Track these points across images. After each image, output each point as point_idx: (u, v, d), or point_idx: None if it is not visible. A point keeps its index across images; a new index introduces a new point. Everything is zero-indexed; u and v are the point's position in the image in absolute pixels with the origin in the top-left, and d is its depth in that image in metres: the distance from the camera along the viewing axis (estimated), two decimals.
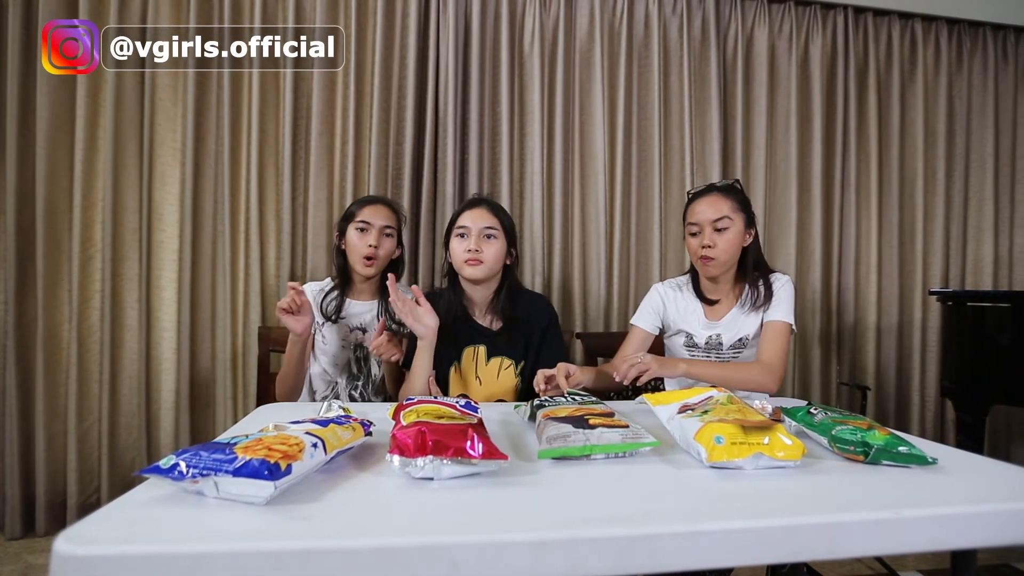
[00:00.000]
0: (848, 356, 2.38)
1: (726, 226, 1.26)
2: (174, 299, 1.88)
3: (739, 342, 1.31)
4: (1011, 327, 1.70)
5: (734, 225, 1.27)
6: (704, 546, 0.48)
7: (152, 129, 1.85)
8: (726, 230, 1.27)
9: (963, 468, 0.66)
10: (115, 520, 0.47)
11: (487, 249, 1.23)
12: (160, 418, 1.88)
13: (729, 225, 1.26)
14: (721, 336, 1.32)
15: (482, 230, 1.24)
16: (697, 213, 1.29)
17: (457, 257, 1.25)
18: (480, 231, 1.23)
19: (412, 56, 1.99)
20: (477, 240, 1.22)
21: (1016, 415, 2.50)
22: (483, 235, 1.24)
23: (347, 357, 1.43)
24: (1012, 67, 2.53)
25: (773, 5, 2.32)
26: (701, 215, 1.28)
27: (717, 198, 1.29)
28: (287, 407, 1.07)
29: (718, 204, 1.28)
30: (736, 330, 1.32)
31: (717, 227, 1.27)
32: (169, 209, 1.89)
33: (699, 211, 1.29)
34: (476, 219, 1.24)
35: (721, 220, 1.26)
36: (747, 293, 1.31)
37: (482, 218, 1.25)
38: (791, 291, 1.30)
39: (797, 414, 0.82)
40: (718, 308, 1.35)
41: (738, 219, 1.28)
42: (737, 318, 1.32)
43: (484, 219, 1.25)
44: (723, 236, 1.27)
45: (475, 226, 1.24)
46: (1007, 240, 2.54)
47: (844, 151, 2.37)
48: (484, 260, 1.22)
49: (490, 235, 1.24)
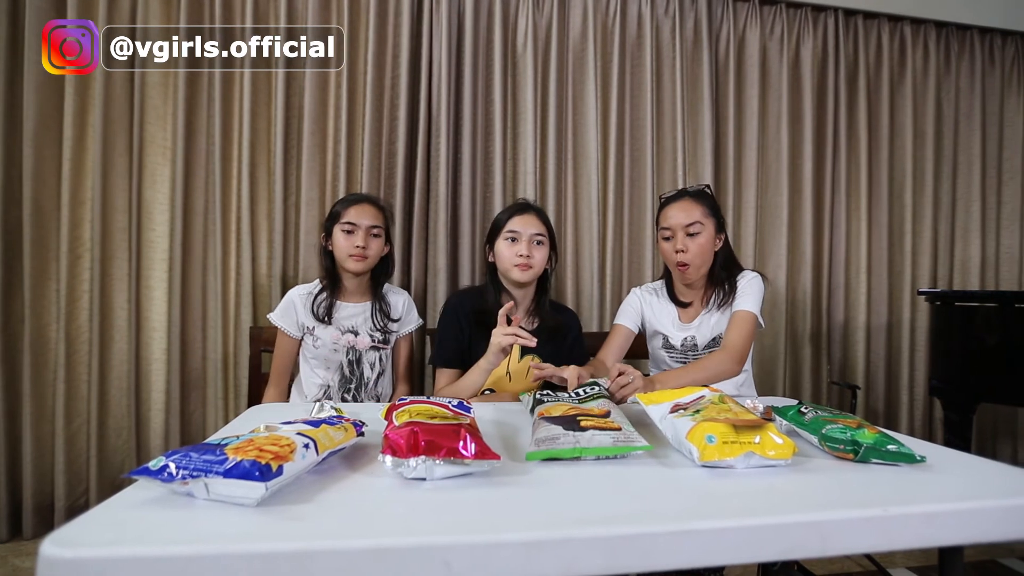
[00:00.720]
0: (838, 355, 2.40)
1: (698, 231, 1.30)
2: (164, 299, 1.86)
3: (713, 342, 1.36)
4: (998, 327, 1.72)
5: (705, 230, 1.30)
6: (696, 545, 0.48)
7: (142, 127, 1.83)
8: (698, 235, 1.30)
9: (951, 466, 0.67)
10: (103, 522, 0.46)
11: (537, 254, 1.30)
12: (150, 420, 1.86)
13: (701, 230, 1.30)
14: (696, 338, 1.37)
15: (532, 236, 1.30)
16: (669, 218, 1.33)
17: (507, 260, 1.30)
18: (531, 237, 1.30)
19: (405, 55, 1.98)
20: (528, 246, 1.28)
21: (1002, 413, 2.53)
22: (533, 241, 1.30)
23: (339, 360, 1.42)
24: (999, 70, 2.57)
25: (765, 7, 2.33)
26: (673, 220, 1.32)
27: (689, 203, 1.32)
28: (278, 407, 1.07)
29: (690, 209, 1.31)
30: (708, 331, 1.36)
31: (689, 232, 1.30)
32: (159, 208, 1.87)
33: (671, 216, 1.33)
34: (527, 225, 1.30)
35: (693, 225, 1.30)
36: (715, 295, 1.36)
37: (533, 224, 1.31)
38: (758, 285, 1.33)
39: (788, 413, 0.82)
40: (690, 311, 1.40)
41: (709, 224, 1.31)
42: (707, 319, 1.37)
43: (534, 226, 1.31)
44: (695, 240, 1.30)
45: (526, 232, 1.30)
46: (994, 241, 2.57)
47: (834, 152, 2.39)
48: (534, 265, 1.29)
49: (540, 241, 1.31)
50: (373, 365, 1.44)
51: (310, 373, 1.44)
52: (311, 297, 1.41)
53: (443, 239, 1.99)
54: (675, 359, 1.41)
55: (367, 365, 1.43)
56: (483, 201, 2.08)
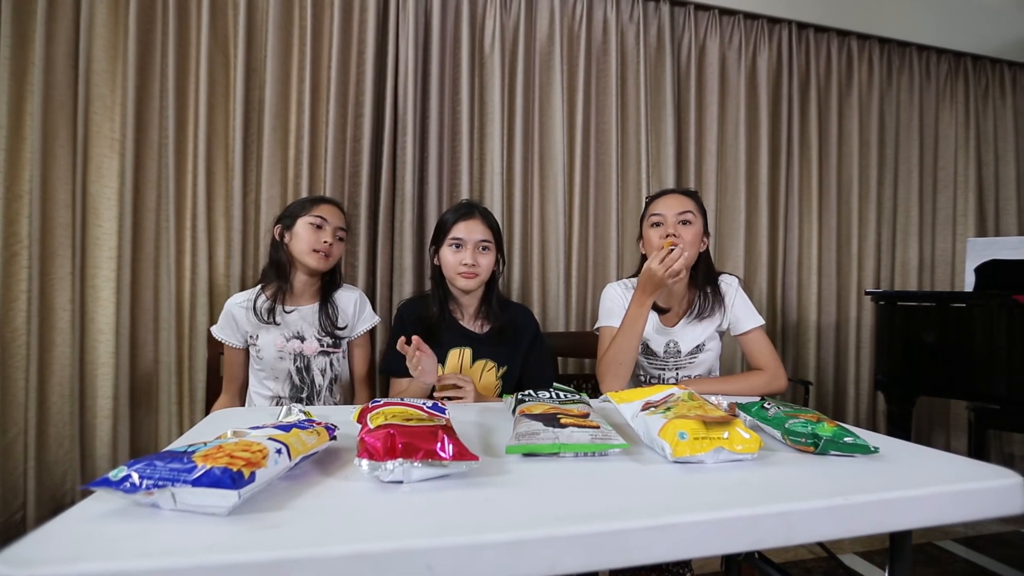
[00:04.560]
0: (792, 353, 2.52)
1: (690, 219, 1.30)
2: (112, 299, 1.76)
3: (696, 348, 1.36)
4: (935, 325, 1.84)
5: (696, 223, 1.31)
6: (674, 539, 0.49)
7: (87, 117, 1.72)
8: (690, 223, 1.30)
9: (901, 456, 0.72)
10: (60, 538, 0.44)
11: (483, 261, 1.25)
12: (95, 427, 1.75)
13: (693, 220, 1.30)
14: (679, 344, 1.36)
15: (478, 243, 1.24)
16: (661, 206, 1.32)
17: (451, 268, 1.25)
18: (476, 243, 1.24)
19: (371, 52, 1.95)
20: (473, 254, 1.23)
21: (936, 405, 2.71)
22: (478, 247, 1.25)
23: (286, 368, 1.36)
24: (934, 85, 2.75)
25: (724, 16, 2.42)
26: (666, 208, 1.31)
27: (681, 197, 1.34)
28: (242, 412, 1.03)
29: (683, 201, 1.32)
30: (691, 338, 1.36)
31: (682, 219, 1.29)
32: (106, 204, 1.77)
33: (663, 205, 1.32)
34: (472, 231, 1.25)
35: (685, 213, 1.29)
36: (697, 302, 1.35)
37: (478, 231, 1.25)
38: (743, 295, 1.37)
39: (751, 409, 0.86)
40: (670, 315, 1.38)
41: (699, 220, 1.32)
42: (689, 326, 1.36)
43: (479, 231, 1.25)
44: (688, 229, 1.29)
45: (471, 239, 1.24)
46: (930, 244, 2.75)
47: (788, 158, 2.50)
48: (479, 273, 1.24)
49: (485, 247, 1.26)
50: (324, 371, 1.39)
51: (258, 385, 1.38)
52: (250, 303, 1.34)
53: (410, 238, 1.97)
54: (655, 366, 1.38)
55: (317, 371, 1.38)
56: (450, 200, 2.07)
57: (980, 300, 1.76)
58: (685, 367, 1.36)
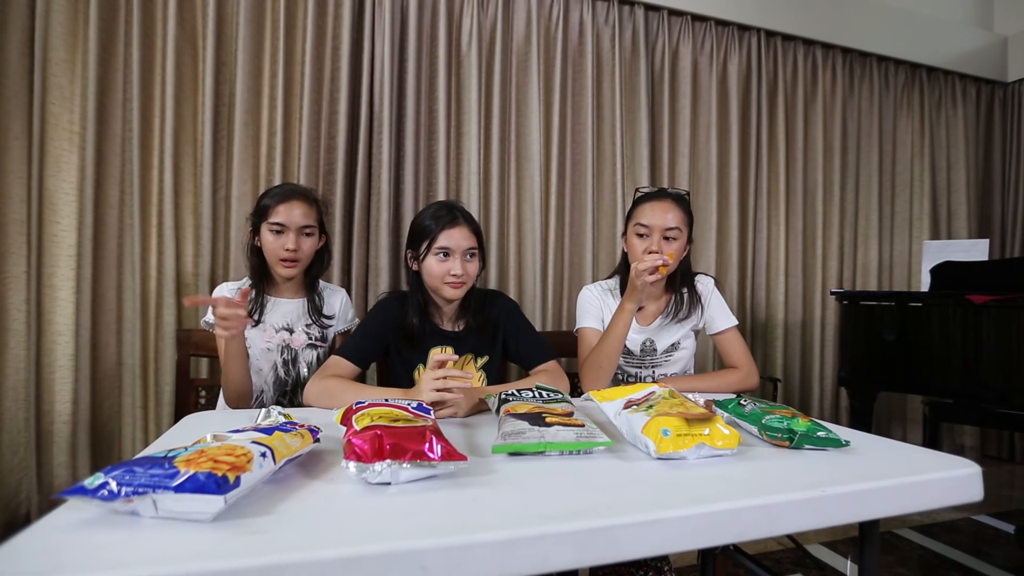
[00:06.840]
0: (760, 351, 2.59)
1: (676, 236, 1.27)
2: (71, 299, 1.68)
3: (672, 347, 1.39)
4: (895, 324, 1.93)
5: (682, 237, 1.29)
6: (661, 534, 0.51)
7: (44, 109, 1.64)
8: (675, 240, 1.27)
9: (870, 448, 0.75)
10: (33, 549, 0.42)
11: (470, 270, 1.19)
12: (53, 433, 1.67)
13: (679, 236, 1.28)
14: (655, 343, 1.38)
15: (465, 251, 1.18)
16: (650, 216, 1.28)
17: (437, 278, 1.18)
18: (463, 252, 1.18)
19: (346, 48, 1.92)
20: (461, 263, 1.17)
21: (894, 399, 2.84)
22: (466, 255, 1.18)
23: (272, 360, 1.34)
24: (892, 95, 2.88)
25: (696, 23, 2.47)
26: (654, 219, 1.27)
27: (671, 206, 1.29)
28: (219, 416, 1.00)
29: (672, 212, 1.27)
30: (667, 337, 1.38)
31: (667, 236, 1.27)
32: (65, 199, 1.69)
33: (652, 214, 1.28)
34: (459, 240, 1.17)
35: (672, 230, 1.27)
36: (673, 303, 1.37)
37: (465, 238, 1.18)
38: (719, 294, 1.40)
39: (728, 406, 0.88)
40: (646, 314, 1.39)
41: (684, 233, 1.30)
42: (665, 326, 1.38)
43: (467, 239, 1.19)
44: (671, 245, 1.27)
45: (458, 248, 1.17)
46: (888, 246, 2.88)
47: (757, 161, 2.57)
48: (467, 282, 1.19)
49: (472, 255, 1.20)
50: (311, 365, 1.37)
51: None
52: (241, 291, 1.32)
53: (385, 238, 1.95)
54: (631, 364, 1.39)
55: (304, 364, 1.36)
56: (427, 200, 2.05)
57: (935, 300, 1.85)
58: (661, 365, 1.39)
